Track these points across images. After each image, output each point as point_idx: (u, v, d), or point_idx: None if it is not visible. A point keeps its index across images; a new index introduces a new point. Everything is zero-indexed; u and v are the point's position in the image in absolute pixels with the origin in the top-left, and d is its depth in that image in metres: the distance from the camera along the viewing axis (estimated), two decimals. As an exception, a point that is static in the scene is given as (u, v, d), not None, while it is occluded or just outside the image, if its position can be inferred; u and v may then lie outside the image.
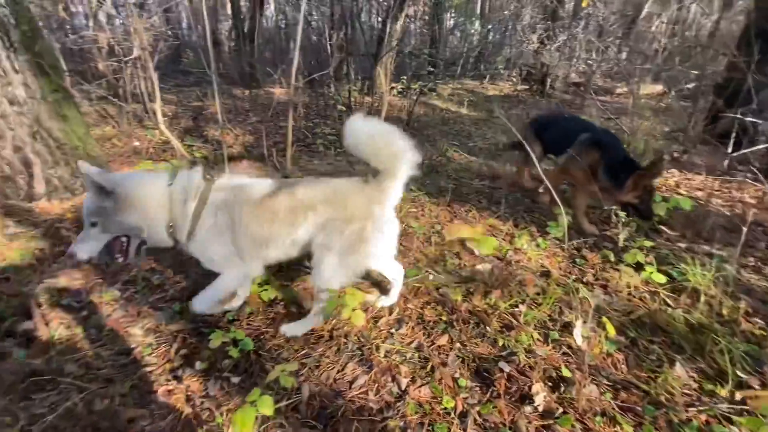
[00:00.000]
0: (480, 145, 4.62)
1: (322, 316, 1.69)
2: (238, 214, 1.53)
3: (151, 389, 1.40)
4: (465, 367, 1.55)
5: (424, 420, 1.34)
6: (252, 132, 4.65)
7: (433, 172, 3.55)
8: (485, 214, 2.71)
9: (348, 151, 1.69)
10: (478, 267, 2.13)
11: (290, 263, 1.90)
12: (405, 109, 5.54)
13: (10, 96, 2.00)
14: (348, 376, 1.50)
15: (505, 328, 1.74)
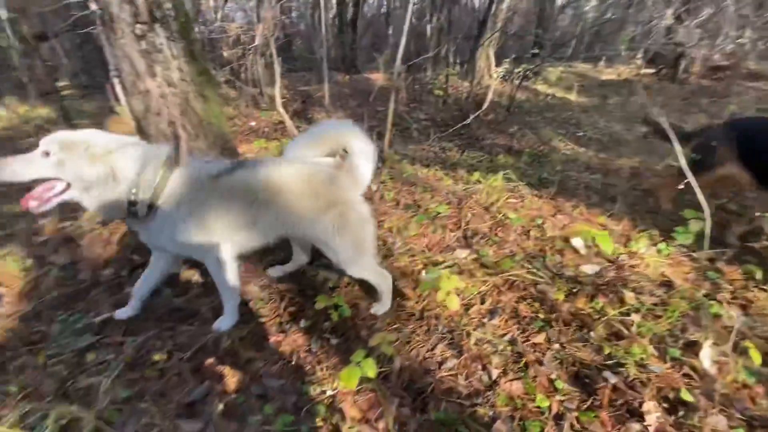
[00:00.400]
0: (591, 134, 4.17)
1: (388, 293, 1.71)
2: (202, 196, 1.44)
3: (264, 337, 1.59)
4: (563, 370, 1.45)
5: (515, 414, 1.30)
6: (351, 116, 4.86)
7: (535, 162, 3.32)
8: (595, 212, 2.46)
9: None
10: (583, 267, 1.96)
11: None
12: (506, 94, 5.24)
13: (168, 79, 2.38)
14: (437, 357, 1.52)
15: (613, 337, 1.58)
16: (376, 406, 1.31)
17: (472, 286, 1.85)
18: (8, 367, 1.46)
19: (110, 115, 4.83)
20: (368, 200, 2.64)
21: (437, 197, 2.60)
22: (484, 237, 2.21)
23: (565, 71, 7.75)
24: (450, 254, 2.08)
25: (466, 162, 3.32)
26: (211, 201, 1.45)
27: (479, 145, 3.87)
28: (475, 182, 2.80)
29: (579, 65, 8.73)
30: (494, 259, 2.03)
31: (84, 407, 1.25)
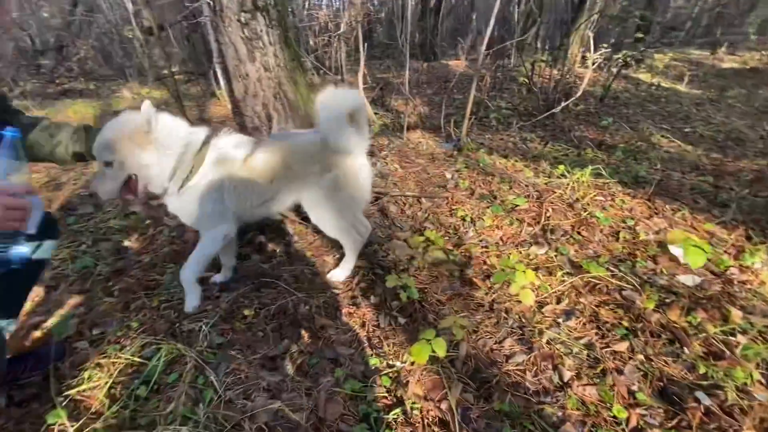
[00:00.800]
0: (701, 131, 3.65)
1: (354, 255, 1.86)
2: (228, 172, 1.56)
3: (338, 308, 1.69)
4: (646, 383, 1.34)
5: (586, 419, 1.24)
6: (428, 103, 4.83)
7: (630, 159, 3.01)
8: (702, 218, 2.17)
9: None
10: (681, 277, 1.75)
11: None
12: (600, 83, 4.78)
13: (265, 64, 2.58)
14: (505, 350, 1.49)
15: (710, 356, 1.41)
16: (439, 388, 1.34)
17: (548, 285, 1.77)
18: (131, 307, 1.75)
19: (211, 98, 5.38)
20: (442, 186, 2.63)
21: (516, 189, 2.50)
22: (565, 234, 2.08)
23: (676, 58, 6.81)
24: (525, 249, 2.00)
25: (550, 155, 3.12)
26: (238, 182, 1.58)
27: (565, 138, 3.60)
28: (559, 176, 2.63)
29: (693, 52, 7.61)
30: (575, 259, 1.91)
31: (187, 346, 1.46)
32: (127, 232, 2.30)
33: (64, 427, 1.22)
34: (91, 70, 7.94)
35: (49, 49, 8.26)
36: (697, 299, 1.63)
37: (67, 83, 7.12)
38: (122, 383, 1.37)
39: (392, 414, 1.25)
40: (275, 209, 1.76)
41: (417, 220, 2.29)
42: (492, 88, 5.14)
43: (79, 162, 1.50)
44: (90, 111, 5.03)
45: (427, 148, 3.34)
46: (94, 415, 1.28)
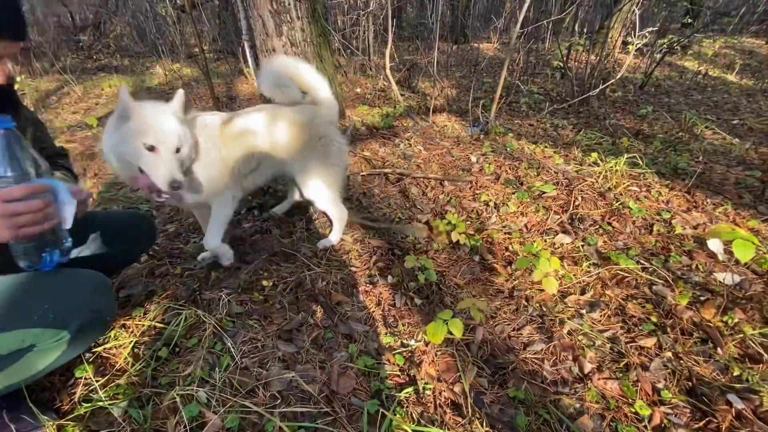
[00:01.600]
0: (751, 123, 3.39)
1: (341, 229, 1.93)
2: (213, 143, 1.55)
3: (355, 285, 1.69)
4: (674, 381, 1.27)
5: (606, 413, 1.19)
6: (456, 86, 4.70)
7: (669, 149, 2.83)
8: (746, 214, 2.02)
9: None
10: (718, 275, 1.65)
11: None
12: (641, 70, 4.50)
13: (292, 38, 2.56)
14: (523, 338, 1.45)
15: (747, 358, 1.32)
16: (453, 370, 1.31)
17: (573, 275, 1.70)
18: (155, 273, 1.81)
19: (239, 76, 5.42)
20: (466, 170, 2.56)
21: (544, 176, 2.41)
22: (594, 225, 1.99)
23: (726, 46, 6.33)
24: (551, 237, 1.93)
25: (582, 142, 2.98)
26: (223, 151, 1.59)
27: (600, 126, 3.43)
28: (591, 164, 2.51)
29: (746, 39, 7.05)
30: (603, 250, 1.83)
31: (207, 313, 1.49)
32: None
33: (90, 380, 1.28)
34: (127, 46, 8.15)
35: (88, 26, 8.52)
36: (736, 299, 1.53)
37: (104, 59, 7.34)
38: (145, 344, 1.42)
39: (404, 392, 1.24)
40: (263, 179, 1.79)
41: (438, 203, 2.25)
42: (524, 72, 4.94)
43: None
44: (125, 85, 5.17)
45: (453, 132, 3.26)
46: (118, 372, 1.33)
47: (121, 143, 1.29)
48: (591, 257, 1.79)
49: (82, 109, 4.41)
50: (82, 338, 1.09)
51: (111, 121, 1.33)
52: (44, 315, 0.96)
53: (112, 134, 1.31)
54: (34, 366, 1.00)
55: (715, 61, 5.68)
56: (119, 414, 1.17)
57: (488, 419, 1.16)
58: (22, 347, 0.94)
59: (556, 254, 1.81)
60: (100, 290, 1.12)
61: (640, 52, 4.99)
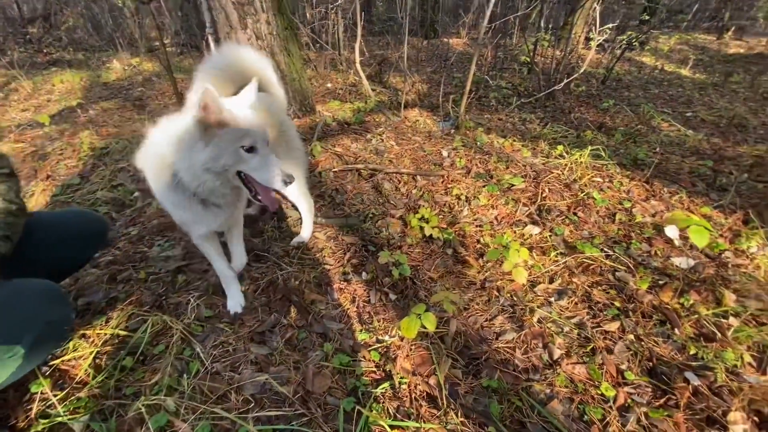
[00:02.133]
0: (703, 115, 3.59)
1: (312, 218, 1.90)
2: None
3: (328, 283, 1.67)
4: (636, 362, 1.33)
5: (574, 397, 1.24)
6: (426, 81, 4.71)
7: (630, 141, 2.96)
8: (699, 201, 2.15)
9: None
10: (675, 259, 1.74)
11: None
12: (603, 65, 4.67)
13: (257, 31, 2.48)
14: (496, 328, 1.48)
15: (701, 338, 1.40)
16: (428, 363, 1.33)
17: (542, 264, 1.75)
18: (117, 278, 1.72)
19: (204, 71, 5.21)
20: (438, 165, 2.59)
21: (512, 169, 2.46)
22: (561, 215, 2.05)
23: (681, 42, 6.68)
24: (520, 229, 1.98)
25: (549, 135, 3.06)
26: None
27: (565, 119, 3.54)
28: (557, 157, 2.59)
29: (699, 36, 7.46)
30: (570, 239, 1.89)
31: (175, 318, 1.43)
32: (115, 204, 2.24)
33: (47, 395, 1.20)
34: (80, 39, 7.67)
35: (37, 18, 7.95)
36: (691, 281, 1.63)
37: (55, 53, 6.88)
38: (108, 354, 1.35)
39: (380, 388, 1.24)
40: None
41: (412, 197, 2.25)
42: (492, 67, 5.02)
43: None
44: (77, 81, 4.87)
45: (425, 126, 3.27)
46: (78, 384, 1.26)
47: (216, 158, 1.09)
48: (558, 247, 1.85)
49: (32, 106, 4.12)
50: (39, 350, 1.04)
51: (185, 140, 1.11)
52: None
53: (198, 154, 1.09)
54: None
55: (670, 57, 5.98)
56: (80, 429, 1.11)
57: (463, 410, 1.18)
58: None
59: (526, 245, 1.85)
60: (52, 299, 1.06)
61: (601, 47, 5.17)
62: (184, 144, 1.11)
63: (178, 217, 1.32)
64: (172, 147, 1.15)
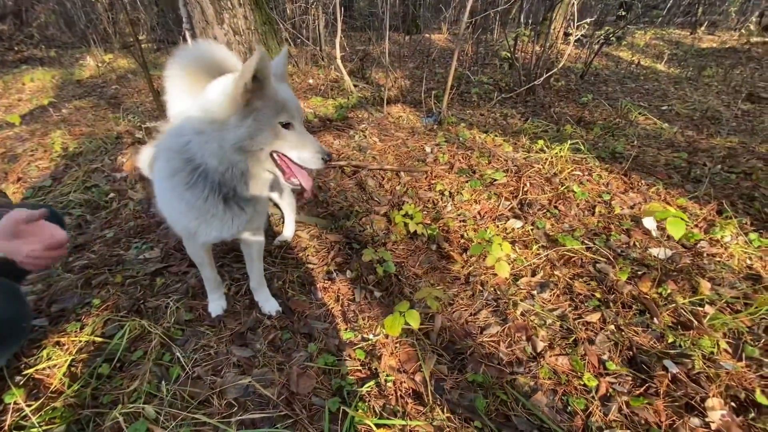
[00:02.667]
0: (678, 109, 3.69)
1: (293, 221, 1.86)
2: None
3: (312, 282, 1.65)
4: (617, 352, 1.36)
5: (557, 388, 1.25)
6: (409, 77, 4.70)
7: (608, 134, 3.02)
8: (675, 193, 2.20)
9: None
10: (653, 250, 1.78)
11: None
12: (581, 60, 4.75)
13: (234, 26, 2.42)
14: (480, 322, 1.49)
15: (679, 326, 1.44)
16: (414, 360, 1.33)
17: (524, 258, 1.77)
18: (92, 283, 1.66)
19: (182, 68, 5.08)
20: (422, 161, 2.58)
21: (494, 164, 2.48)
22: (542, 209, 2.08)
23: (656, 37, 6.83)
24: (503, 223, 1.99)
25: (530, 130, 3.10)
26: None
27: (545, 114, 3.58)
28: (537, 151, 2.62)
29: (673, 31, 7.65)
30: (551, 233, 1.91)
31: (153, 323, 1.39)
32: (89, 206, 2.17)
33: (20, 406, 1.15)
34: (53, 36, 7.37)
35: (7, 14, 7.59)
36: (668, 271, 1.67)
37: (26, 50, 6.60)
38: (83, 361, 1.30)
39: (366, 387, 1.23)
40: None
41: (395, 194, 2.25)
42: (474, 63, 5.04)
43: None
44: (49, 79, 4.68)
45: (407, 122, 3.27)
46: (53, 393, 1.21)
47: (254, 134, 0.98)
48: (540, 240, 1.87)
49: (2, 105, 3.95)
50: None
51: (214, 118, 0.98)
52: None
53: (230, 131, 0.97)
54: None
55: (646, 51, 6.11)
56: (55, 441, 1.07)
57: (449, 405, 1.18)
58: None
59: (508, 239, 1.87)
60: (8, 297, 1.01)
61: (579, 42, 5.25)
62: (213, 122, 0.98)
63: (186, 223, 1.17)
64: (193, 132, 1.02)
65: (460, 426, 1.13)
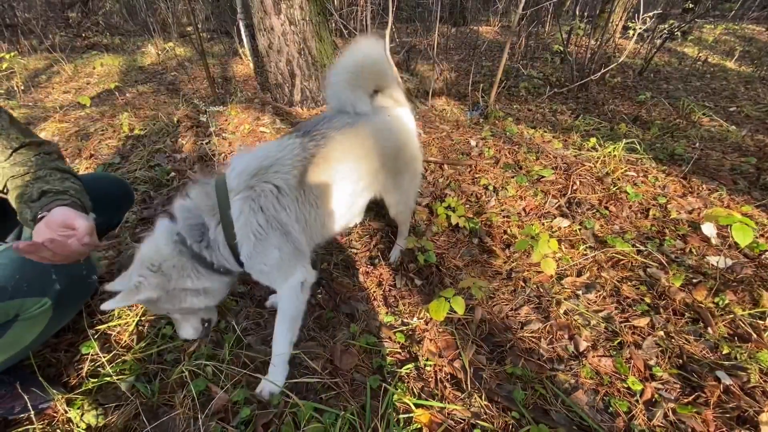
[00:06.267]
0: (748, 110, 3.41)
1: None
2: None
3: (354, 266, 1.71)
4: (665, 359, 1.32)
5: (599, 389, 1.24)
6: (455, 70, 4.64)
7: (667, 135, 2.85)
8: (740, 199, 2.06)
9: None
10: (711, 258, 1.69)
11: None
12: (641, 56, 4.47)
13: (290, 17, 2.50)
14: (521, 318, 1.49)
15: (736, 338, 1.37)
16: (453, 348, 1.35)
17: (570, 257, 1.74)
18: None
19: (233, 57, 5.31)
20: (466, 154, 2.57)
21: (542, 160, 2.42)
22: (592, 209, 2.02)
23: (727, 32, 6.30)
24: (549, 221, 1.96)
25: (581, 127, 2.98)
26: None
27: (598, 111, 3.43)
28: (589, 149, 2.52)
29: (747, 26, 7.01)
30: (600, 234, 1.86)
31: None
32: (153, 183, 2.34)
33: (96, 356, 1.30)
34: (117, 24, 7.91)
35: (76, 2, 8.23)
36: (727, 281, 1.58)
37: (93, 37, 7.12)
38: (149, 322, 1.44)
39: (405, 368, 1.27)
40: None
41: (438, 186, 2.26)
42: (523, 56, 4.89)
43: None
44: (116, 65, 5.05)
45: (452, 115, 3.24)
46: (123, 348, 1.35)
47: None
48: (588, 240, 1.82)
49: (73, 88, 4.31)
50: (66, 304, 1.06)
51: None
52: (17, 285, 0.94)
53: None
54: (24, 337, 1.00)
55: (714, 48, 5.66)
56: (127, 388, 1.20)
57: (487, 393, 1.20)
58: (6, 319, 0.94)
59: (554, 237, 1.83)
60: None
61: (640, 37, 4.94)
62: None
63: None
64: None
65: (498, 414, 1.15)
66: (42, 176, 1.04)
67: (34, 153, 1.08)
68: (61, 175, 1.08)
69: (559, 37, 4.76)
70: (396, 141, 1.39)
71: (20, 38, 5.80)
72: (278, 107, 2.80)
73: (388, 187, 1.46)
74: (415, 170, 1.55)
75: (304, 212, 1.14)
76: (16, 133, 1.06)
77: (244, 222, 1.05)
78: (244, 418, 1.10)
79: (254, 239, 1.06)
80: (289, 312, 1.20)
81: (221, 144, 2.65)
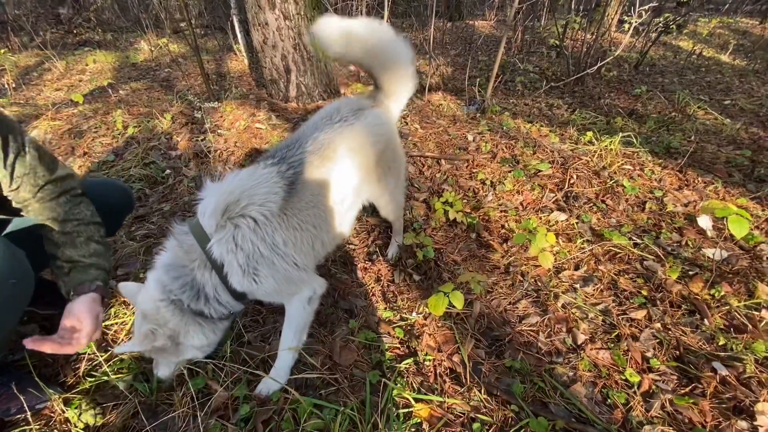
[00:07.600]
0: (742, 104, 3.42)
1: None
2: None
3: (353, 262, 1.71)
4: (662, 351, 1.33)
5: (597, 381, 1.25)
6: (450, 64, 4.63)
7: (662, 128, 2.86)
8: (735, 192, 2.07)
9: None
10: (707, 250, 1.70)
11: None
12: (636, 49, 4.48)
13: (285, 11, 2.47)
14: (519, 311, 1.49)
15: (732, 329, 1.38)
16: (451, 342, 1.35)
17: (567, 251, 1.74)
18: (152, 250, 1.79)
19: (227, 53, 5.26)
20: (463, 149, 2.56)
21: (539, 154, 2.42)
22: (589, 202, 2.02)
23: (721, 26, 6.31)
24: (546, 215, 1.96)
25: (577, 121, 2.99)
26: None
27: (594, 105, 3.43)
28: (586, 143, 2.53)
29: (741, 19, 7.03)
30: (597, 227, 1.86)
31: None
32: (148, 181, 2.32)
33: (93, 356, 1.29)
34: (109, 20, 7.81)
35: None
36: (723, 273, 1.59)
37: (84, 34, 7.02)
38: (146, 321, 1.42)
39: (404, 363, 1.27)
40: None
41: (435, 181, 2.25)
42: (520, 51, 4.87)
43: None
44: (109, 62, 4.99)
45: (449, 110, 3.24)
46: (120, 348, 1.34)
47: None
48: (585, 234, 1.83)
49: (65, 86, 4.25)
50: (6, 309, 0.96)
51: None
52: None
53: None
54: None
55: (709, 41, 5.67)
56: (125, 387, 1.19)
57: (486, 387, 1.21)
58: None
59: (551, 231, 1.84)
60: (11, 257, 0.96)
61: (636, 31, 4.94)
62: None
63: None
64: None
65: (497, 407, 1.16)
66: (69, 232, 1.07)
67: (59, 190, 1.09)
68: (86, 236, 1.10)
69: (555, 31, 4.75)
70: (375, 149, 1.34)
71: (10, 35, 5.71)
72: (274, 103, 2.78)
73: (374, 193, 1.46)
74: (399, 171, 1.52)
75: (290, 236, 1.11)
76: (42, 170, 1.06)
77: (229, 262, 1.04)
78: (243, 415, 1.10)
79: (243, 275, 1.05)
80: (295, 321, 1.22)
81: (217, 141, 2.63)
